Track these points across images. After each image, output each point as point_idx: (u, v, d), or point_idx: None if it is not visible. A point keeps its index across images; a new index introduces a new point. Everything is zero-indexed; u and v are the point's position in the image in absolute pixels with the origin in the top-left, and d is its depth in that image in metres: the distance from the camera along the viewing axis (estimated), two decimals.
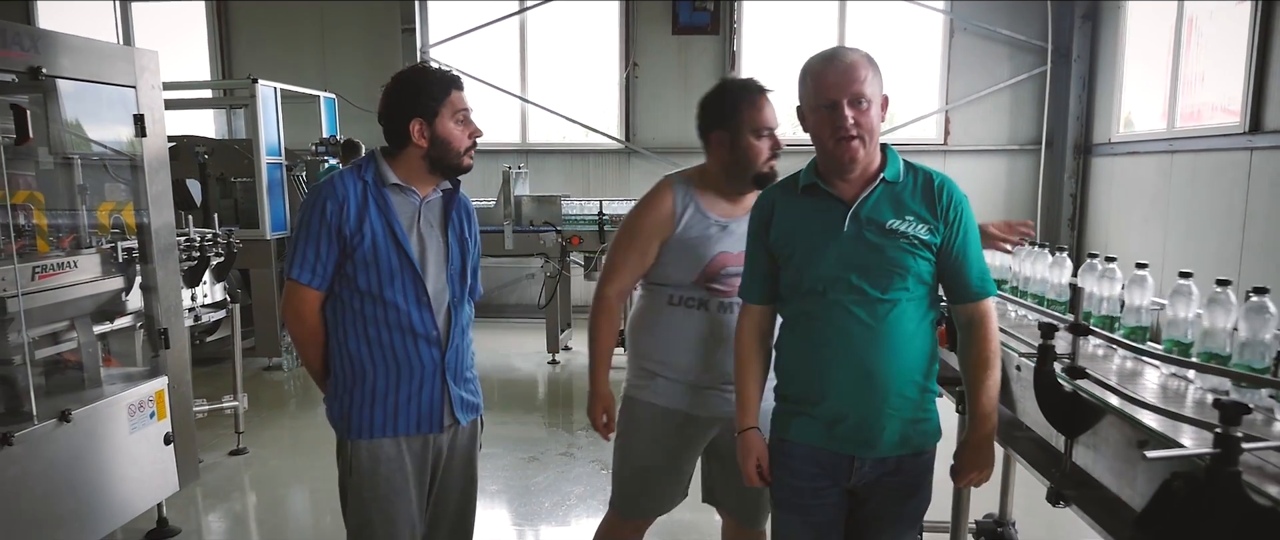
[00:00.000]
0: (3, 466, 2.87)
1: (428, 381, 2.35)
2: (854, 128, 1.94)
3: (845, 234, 2.00)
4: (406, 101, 2.29)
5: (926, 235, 2.00)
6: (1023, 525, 3.35)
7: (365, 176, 2.31)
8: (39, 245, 3.63)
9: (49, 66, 3.04)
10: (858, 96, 1.94)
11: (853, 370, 2.01)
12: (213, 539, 4.02)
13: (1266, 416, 1.64)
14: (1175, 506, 1.40)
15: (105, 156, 3.78)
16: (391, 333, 2.31)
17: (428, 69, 2.39)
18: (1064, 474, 1.99)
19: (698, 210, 2.44)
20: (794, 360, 2.12)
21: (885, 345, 1.99)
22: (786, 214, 2.11)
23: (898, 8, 8.75)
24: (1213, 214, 6.26)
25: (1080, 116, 8.43)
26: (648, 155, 9.01)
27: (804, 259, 2.06)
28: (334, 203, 2.25)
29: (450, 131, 2.29)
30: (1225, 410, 1.29)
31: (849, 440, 2.04)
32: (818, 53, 2.04)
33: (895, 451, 2.05)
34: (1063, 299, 2.49)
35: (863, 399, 2.01)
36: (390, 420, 2.33)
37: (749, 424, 2.20)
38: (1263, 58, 5.70)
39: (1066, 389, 1.92)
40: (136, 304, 3.73)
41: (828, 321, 2.02)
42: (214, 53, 9.47)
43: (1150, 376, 2.05)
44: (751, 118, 2.35)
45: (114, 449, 3.38)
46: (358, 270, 2.27)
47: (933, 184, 2.06)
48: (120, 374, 3.73)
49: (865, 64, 1.97)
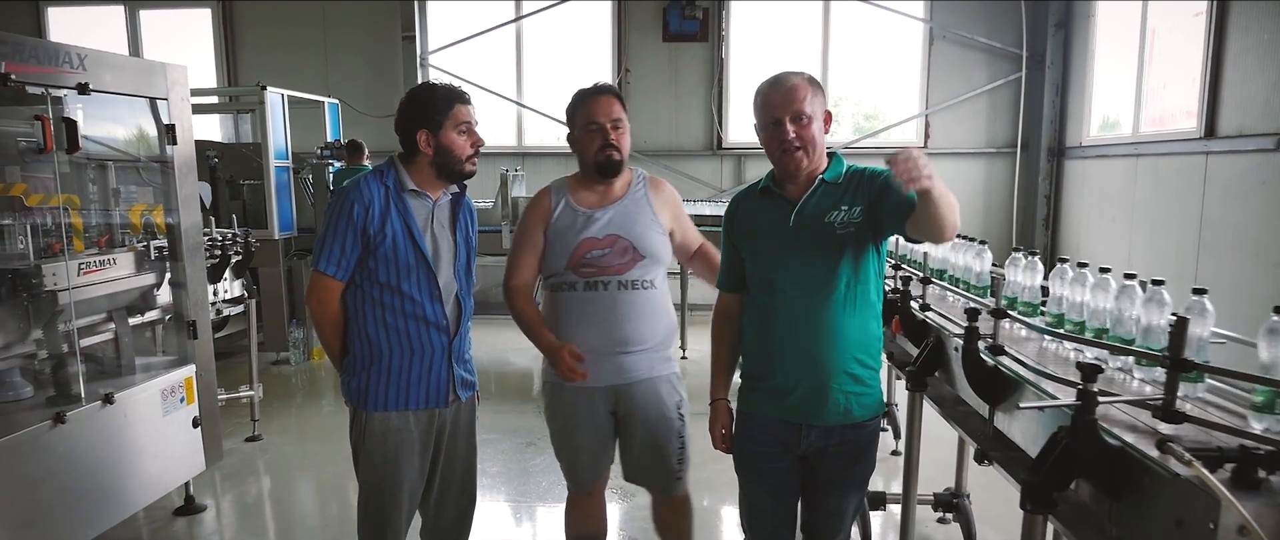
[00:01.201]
0: (56, 442, 3.19)
1: (436, 363, 2.64)
2: (795, 140, 2.23)
3: (790, 229, 2.29)
4: (415, 114, 2.57)
5: (857, 217, 2.24)
6: (979, 501, 3.68)
7: (387, 182, 2.59)
8: (75, 244, 3.94)
9: (95, 82, 3.35)
10: (798, 114, 2.23)
11: (798, 350, 2.28)
12: (234, 516, 4.34)
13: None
14: (1057, 452, 1.74)
15: (138, 161, 4.08)
16: (406, 320, 2.60)
17: (436, 86, 2.65)
18: (987, 437, 2.32)
19: (568, 205, 2.75)
20: (751, 342, 2.42)
21: (825, 328, 2.26)
22: (746, 214, 2.42)
23: (879, 16, 9.10)
24: (1173, 215, 6.62)
25: (1054, 121, 8.79)
26: (639, 158, 9.33)
27: (757, 252, 2.36)
28: (361, 205, 2.53)
29: (453, 141, 2.57)
30: (1084, 370, 1.63)
31: (797, 410, 2.32)
32: (766, 78, 2.32)
33: (839, 421, 2.32)
34: (983, 284, 2.82)
35: (808, 375, 2.28)
36: (402, 395, 2.62)
37: (718, 395, 2.53)
38: (1216, 67, 6.06)
39: (988, 364, 2.25)
40: (164, 298, 4.05)
41: (777, 307, 2.31)
42: (219, 58, 9.78)
43: (1067, 356, 2.39)
44: (579, 116, 2.70)
45: (149, 430, 3.70)
46: (379, 265, 2.55)
47: (865, 174, 2.32)
48: (152, 362, 4.04)
49: (806, 86, 2.25)
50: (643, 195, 2.79)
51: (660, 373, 2.78)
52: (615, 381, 2.74)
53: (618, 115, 2.69)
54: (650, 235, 2.73)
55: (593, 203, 2.75)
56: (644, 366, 2.75)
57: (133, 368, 3.87)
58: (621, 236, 2.70)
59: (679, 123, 9.38)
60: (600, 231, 2.70)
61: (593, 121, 2.67)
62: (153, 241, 3.97)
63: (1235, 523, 1.31)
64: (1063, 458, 1.70)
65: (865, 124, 9.76)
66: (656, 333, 2.76)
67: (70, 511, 3.25)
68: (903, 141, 9.42)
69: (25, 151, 3.55)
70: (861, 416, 2.35)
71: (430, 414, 2.68)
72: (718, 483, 4.27)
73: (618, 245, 2.69)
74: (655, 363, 2.77)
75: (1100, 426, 1.64)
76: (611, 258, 2.69)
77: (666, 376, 2.80)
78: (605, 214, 2.71)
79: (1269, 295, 5.35)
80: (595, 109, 2.67)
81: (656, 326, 2.76)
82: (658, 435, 2.80)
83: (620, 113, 2.70)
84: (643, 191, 2.80)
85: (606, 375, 2.72)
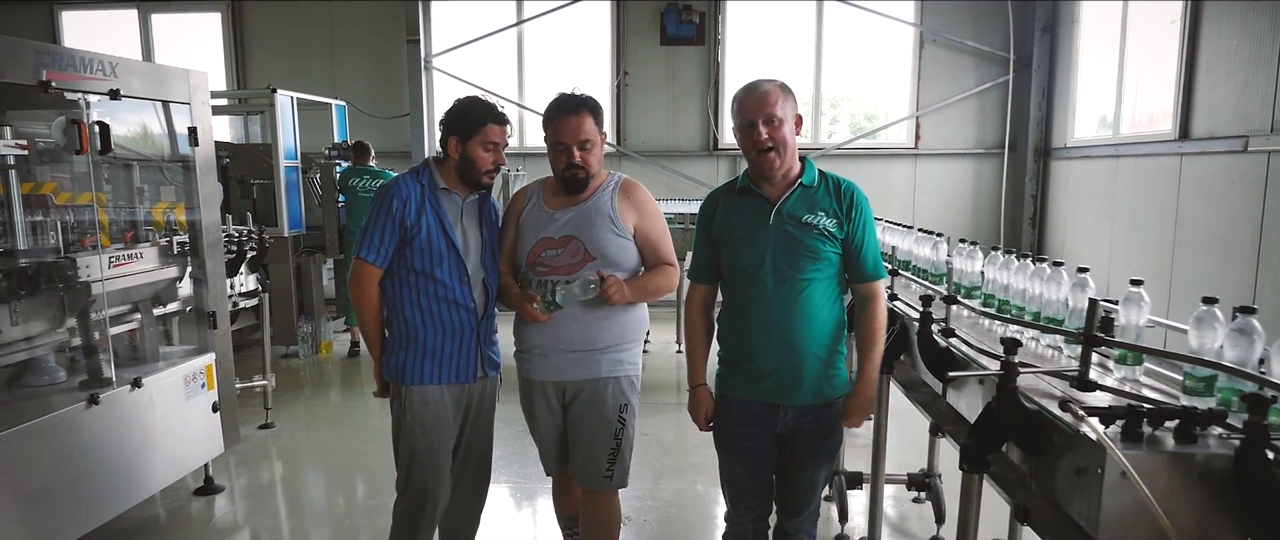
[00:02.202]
0: (91, 422, 3.45)
1: (466, 341, 2.90)
2: (768, 141, 2.43)
3: (770, 226, 2.48)
4: (453, 121, 2.84)
5: (834, 229, 2.48)
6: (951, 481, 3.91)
7: (423, 180, 2.87)
8: (102, 240, 4.19)
9: (125, 88, 3.61)
10: (770, 117, 2.44)
11: (774, 336, 2.49)
12: (250, 497, 4.58)
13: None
14: (989, 418, 1.99)
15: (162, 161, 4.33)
16: (439, 304, 2.86)
17: (478, 101, 2.89)
18: (941, 413, 2.57)
19: (537, 203, 2.91)
20: (729, 329, 2.62)
21: (800, 316, 2.47)
22: (726, 210, 2.60)
23: (871, 21, 9.35)
24: (1151, 214, 6.86)
25: (1040, 122, 9.03)
26: (637, 157, 9.60)
27: (737, 246, 2.54)
28: (399, 200, 2.80)
29: (477, 154, 2.83)
30: (1006, 345, 1.88)
31: (773, 392, 2.54)
32: (743, 85, 2.54)
33: (811, 401, 2.54)
34: (939, 272, 3.07)
35: (783, 359, 2.49)
36: (437, 370, 2.88)
37: (698, 381, 2.73)
38: (1190, 72, 6.30)
39: (941, 345, 2.50)
40: (184, 291, 4.30)
41: (755, 297, 2.51)
42: (229, 60, 10.02)
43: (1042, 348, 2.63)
44: (549, 133, 2.83)
45: (173, 413, 3.96)
46: (415, 255, 2.82)
47: (840, 187, 2.54)
48: (174, 351, 4.30)
49: (778, 92, 2.47)
50: (608, 198, 2.85)
51: (608, 374, 2.86)
52: (562, 378, 2.88)
53: (585, 137, 2.76)
54: (605, 237, 2.79)
55: (558, 204, 2.86)
56: (589, 367, 2.85)
57: (156, 355, 4.13)
58: (575, 237, 2.80)
59: (676, 124, 9.62)
60: (557, 232, 2.82)
61: (559, 142, 2.78)
62: (175, 237, 4.22)
63: (1119, 468, 1.56)
64: (991, 422, 1.95)
65: (865, 124, 9.99)
66: (607, 336, 2.85)
67: (102, 486, 3.51)
68: (896, 142, 9.68)
69: (44, 152, 3.79)
70: (831, 396, 2.57)
71: (462, 388, 2.93)
72: (709, 466, 4.52)
73: (570, 246, 2.79)
74: (604, 364, 2.86)
75: (1021, 393, 1.89)
76: (563, 258, 2.81)
77: (615, 378, 2.88)
78: (565, 215, 2.82)
79: (1238, 290, 5.61)
80: (563, 130, 2.77)
81: (608, 328, 2.84)
82: (593, 434, 2.90)
83: (590, 132, 2.78)
84: (609, 195, 2.86)
85: (554, 370, 2.88)
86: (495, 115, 2.84)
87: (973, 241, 2.86)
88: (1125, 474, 1.54)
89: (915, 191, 9.56)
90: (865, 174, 9.45)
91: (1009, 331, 2.28)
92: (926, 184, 9.55)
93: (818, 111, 9.63)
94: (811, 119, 9.60)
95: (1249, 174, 5.58)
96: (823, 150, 9.48)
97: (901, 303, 3.09)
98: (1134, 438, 1.63)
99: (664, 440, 5.09)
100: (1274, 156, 5.35)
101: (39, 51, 3.19)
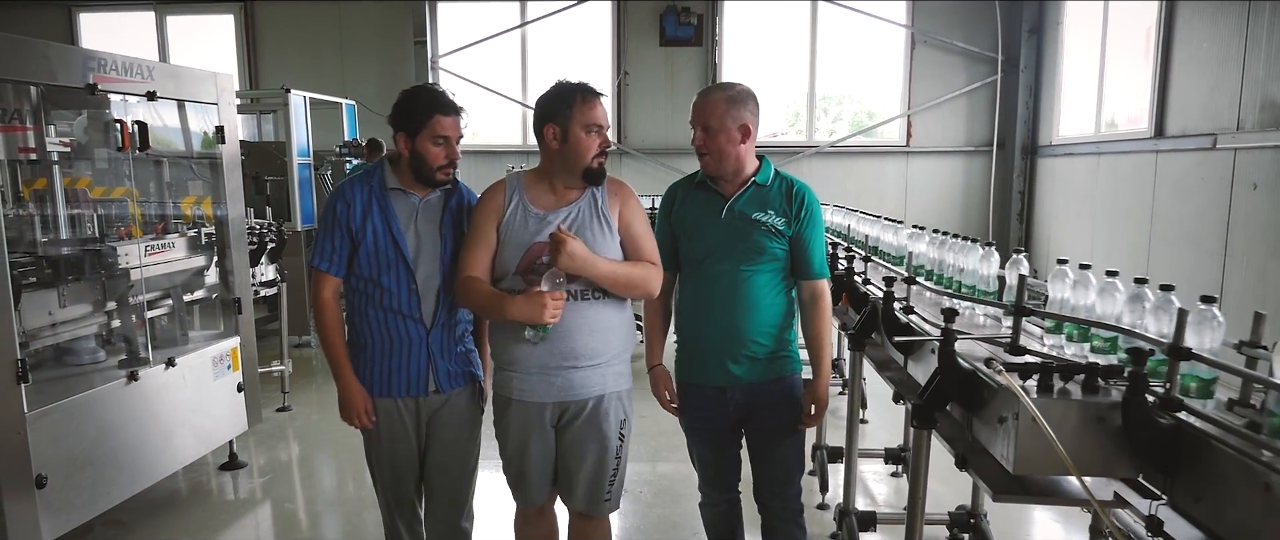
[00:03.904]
0: (131, 397, 3.75)
1: (413, 354, 2.70)
2: (702, 147, 2.63)
3: (722, 220, 2.65)
4: (397, 117, 2.63)
5: (782, 226, 2.63)
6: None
7: (372, 182, 2.69)
8: (134, 232, 4.50)
9: (161, 90, 3.92)
10: (706, 125, 2.60)
11: (719, 322, 2.66)
12: (271, 473, 4.89)
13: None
14: (935, 382, 2.29)
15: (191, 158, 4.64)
16: (387, 313, 2.68)
17: (422, 91, 2.64)
18: (903, 383, 2.87)
19: (521, 202, 2.58)
20: (683, 315, 2.77)
21: (744, 304, 2.64)
22: (683, 201, 2.76)
23: (864, 23, 9.64)
24: (1129, 209, 7.15)
25: (1027, 121, 9.33)
26: (638, 155, 9.90)
27: (692, 236, 2.70)
28: (342, 203, 2.66)
29: (427, 150, 2.61)
30: (945, 314, 2.17)
31: (715, 373, 2.70)
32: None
33: (758, 379, 2.68)
34: (901, 255, 3.38)
35: (726, 344, 2.66)
36: (383, 383, 2.73)
37: (655, 361, 2.84)
38: (1164, 73, 6.59)
39: (902, 321, 2.80)
40: (210, 279, 4.60)
41: (704, 285, 2.68)
42: (242, 60, 10.35)
43: (972, 316, 2.93)
44: (582, 114, 2.50)
45: (202, 391, 4.26)
46: (362, 260, 2.66)
47: (792, 188, 2.68)
48: (202, 334, 4.61)
49: (722, 103, 2.59)
50: (600, 196, 2.62)
51: (610, 389, 2.63)
52: (562, 397, 2.59)
53: (609, 123, 2.62)
54: (603, 243, 2.55)
55: (548, 204, 2.59)
56: (593, 383, 2.60)
57: (186, 338, 4.44)
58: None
59: (674, 122, 9.93)
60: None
61: (597, 124, 2.52)
62: (202, 228, 4.53)
63: (1029, 414, 1.85)
64: (937, 385, 2.25)
65: (867, 120, 10.29)
66: (609, 346, 2.61)
67: (140, 456, 3.81)
68: (889, 140, 9.97)
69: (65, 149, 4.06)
70: (780, 373, 2.72)
71: (417, 401, 2.75)
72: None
73: None
74: (607, 378, 2.62)
75: (958, 356, 2.18)
76: None
77: (616, 394, 2.66)
78: (558, 217, 2.54)
79: (1208, 281, 5.90)
80: (598, 112, 2.53)
81: (609, 340, 2.61)
82: (596, 455, 2.64)
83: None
84: (600, 193, 2.62)
85: (553, 390, 2.58)
86: (442, 105, 2.62)
87: (933, 228, 3.15)
88: (1034, 419, 1.84)
89: (907, 188, 9.85)
90: (859, 171, 9.77)
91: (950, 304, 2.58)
92: (918, 181, 9.84)
93: (812, 111, 9.93)
94: (806, 118, 9.90)
95: (1217, 170, 5.86)
96: (817, 148, 9.77)
97: (873, 287, 3.38)
98: (1045, 389, 1.92)
99: (661, 424, 5.39)
100: (1239, 153, 5.63)
101: (87, 57, 3.49)
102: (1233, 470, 1.59)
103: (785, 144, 9.89)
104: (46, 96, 3.64)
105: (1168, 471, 1.77)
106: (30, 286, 3.51)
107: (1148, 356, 1.77)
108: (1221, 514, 1.64)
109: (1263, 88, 5.42)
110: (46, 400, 3.33)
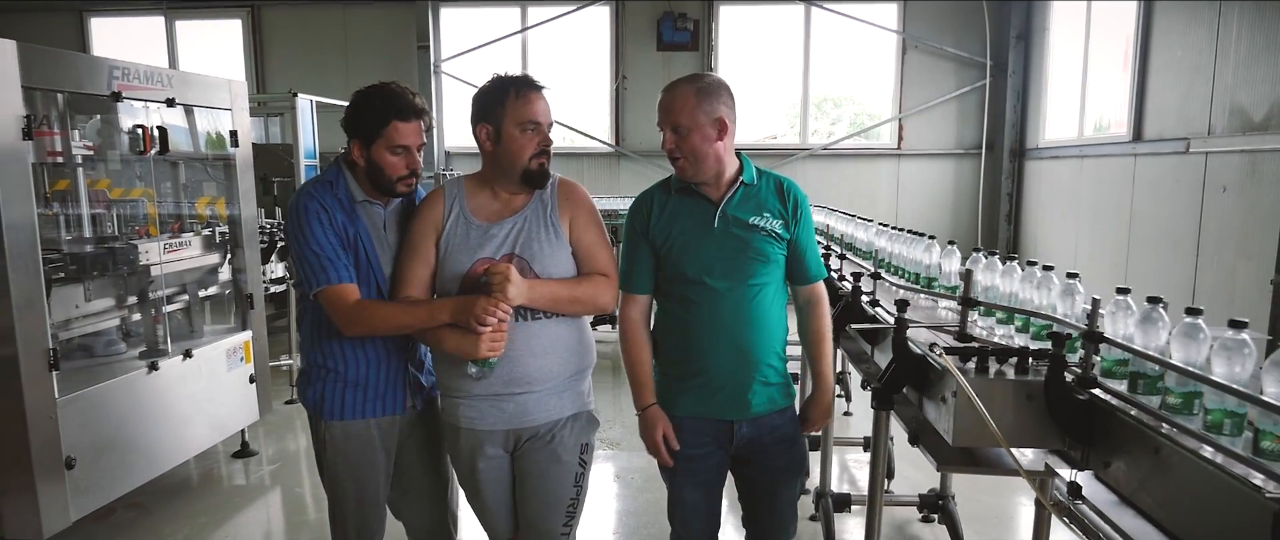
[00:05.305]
0: (152, 386, 3.99)
1: (388, 367, 2.46)
2: (674, 151, 2.30)
3: (716, 229, 2.33)
4: (350, 121, 2.34)
5: (781, 229, 2.36)
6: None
7: (339, 194, 2.37)
8: (150, 230, 4.73)
9: (180, 97, 4.16)
10: (675, 125, 2.28)
11: (727, 346, 2.32)
12: (281, 461, 5.12)
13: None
14: (891, 367, 2.52)
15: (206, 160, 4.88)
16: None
17: (376, 93, 2.35)
18: (869, 371, 3.10)
19: (461, 212, 2.33)
20: (675, 341, 2.39)
21: (753, 324, 2.33)
22: (662, 211, 2.39)
23: (856, 29, 9.88)
24: (1110, 210, 7.38)
25: (1015, 124, 9.55)
26: (635, 158, 10.14)
27: (681, 251, 2.34)
28: (326, 214, 2.32)
29: (385, 160, 2.32)
30: (898, 304, 2.41)
31: (727, 407, 2.37)
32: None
33: (766, 409, 2.41)
34: (870, 250, 3.62)
35: (736, 371, 2.33)
36: (361, 404, 2.45)
37: (648, 402, 2.42)
38: (1142, 79, 6.82)
39: (869, 312, 3.03)
40: (223, 276, 4.84)
41: (703, 305, 2.33)
42: (249, 63, 10.59)
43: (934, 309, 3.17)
44: (516, 110, 2.27)
45: (217, 382, 4.50)
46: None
47: (782, 186, 2.41)
48: (216, 328, 4.85)
49: (689, 98, 2.26)
50: (548, 203, 2.37)
51: (567, 412, 2.40)
52: (514, 425, 2.36)
53: (551, 118, 2.36)
54: (553, 254, 2.33)
55: (491, 213, 2.34)
56: (549, 407, 2.37)
57: (201, 331, 4.68)
58: (519, 256, 2.30)
59: None
60: (496, 250, 2.30)
61: (533, 120, 2.28)
62: (216, 227, 4.77)
63: (966, 393, 2.09)
64: (892, 368, 2.48)
65: (866, 121, 10.50)
66: (565, 367, 2.37)
67: (159, 441, 4.05)
68: (880, 143, 10.21)
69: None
70: (783, 402, 2.46)
71: (392, 420, 2.51)
72: None
73: (515, 267, 2.25)
74: (563, 402, 2.39)
75: (909, 341, 2.42)
76: None
77: (574, 416, 2.42)
78: (503, 229, 2.31)
79: (1182, 280, 6.12)
80: (537, 107, 2.29)
81: (564, 360, 2.36)
82: (551, 485, 2.40)
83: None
84: (549, 198, 2.37)
85: (504, 417, 2.35)
86: (399, 109, 2.33)
87: (895, 226, 3.39)
88: (969, 397, 2.07)
89: (898, 190, 10.08)
90: (852, 173, 10.01)
91: (902, 295, 2.82)
92: (909, 183, 10.08)
93: (806, 114, 10.16)
94: (800, 120, 10.13)
95: (1190, 174, 6.08)
96: (810, 151, 10.00)
97: (847, 282, 3.62)
98: (981, 370, 2.16)
99: None
100: (1210, 157, 5.86)
101: (112, 66, 3.73)
102: (1131, 437, 1.82)
103: (779, 146, 10.13)
104: (69, 103, 3.89)
105: (1085, 442, 2.01)
106: (58, 282, 3.75)
107: (1066, 340, 2.00)
108: (1125, 477, 1.87)
109: (1232, 94, 5.65)
110: (75, 387, 3.57)
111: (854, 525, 3.97)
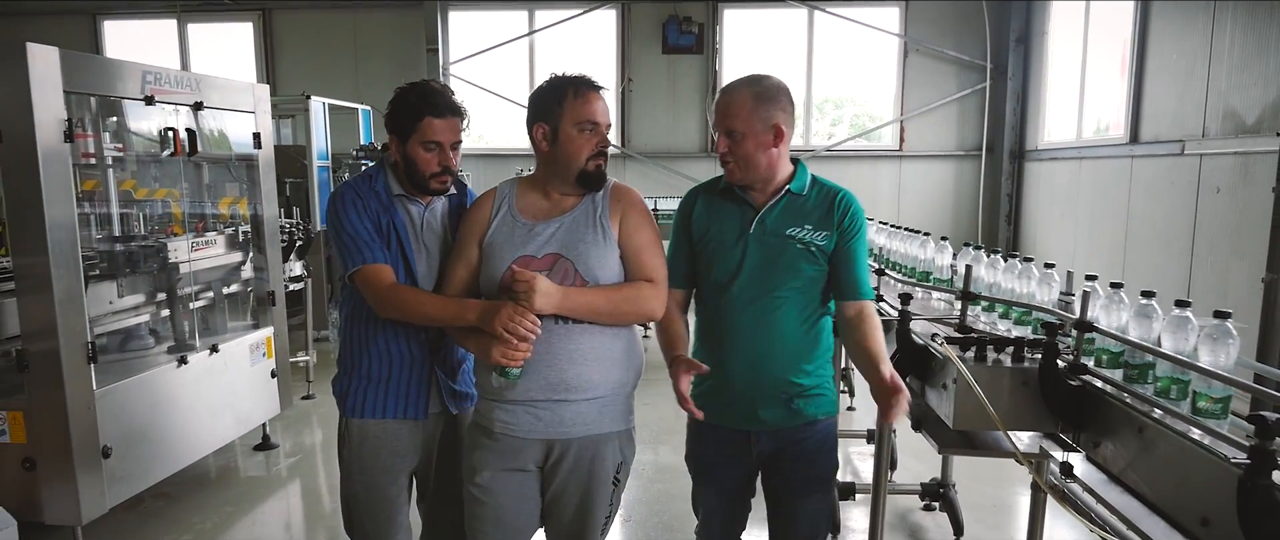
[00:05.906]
0: (181, 379, 4.14)
1: (415, 371, 2.44)
2: (727, 155, 2.24)
3: (751, 236, 2.25)
4: (388, 118, 2.39)
5: (822, 242, 2.23)
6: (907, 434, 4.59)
7: (377, 188, 2.42)
8: (176, 230, 4.88)
9: (207, 101, 4.30)
10: (730, 130, 2.21)
11: (742, 357, 2.26)
12: (300, 455, 5.27)
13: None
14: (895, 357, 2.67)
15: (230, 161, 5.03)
16: (385, 325, 2.41)
17: (413, 90, 2.37)
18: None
19: (509, 211, 2.29)
20: (702, 343, 2.36)
21: (769, 336, 2.24)
22: (705, 210, 2.35)
23: (859, 32, 10.03)
24: (1107, 211, 7.52)
25: (1015, 126, 9.70)
26: (641, 159, 10.29)
27: (713, 254, 2.30)
28: (361, 204, 2.37)
29: (418, 155, 2.34)
30: (902, 296, 2.56)
31: (742, 418, 2.31)
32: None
33: (787, 423, 2.30)
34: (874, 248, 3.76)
35: (751, 383, 2.27)
36: (380, 404, 2.44)
37: (678, 352, 2.26)
38: (1139, 82, 6.97)
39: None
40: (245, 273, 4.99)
41: (726, 312, 2.28)
42: (260, 66, 10.75)
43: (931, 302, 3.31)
44: (574, 110, 2.22)
45: (241, 376, 4.65)
46: None
47: (836, 198, 2.28)
48: (239, 324, 4.99)
49: (747, 101, 2.18)
50: (601, 205, 2.29)
51: (608, 429, 2.28)
52: (550, 435, 2.24)
53: (609, 119, 2.30)
54: (599, 256, 2.23)
55: (540, 212, 2.28)
56: (589, 419, 2.25)
57: (225, 327, 4.83)
58: (563, 256, 2.21)
59: (676, 127, 10.33)
60: (540, 249, 2.22)
61: (592, 120, 2.23)
62: (239, 227, 4.91)
63: (965, 379, 2.23)
64: (894, 358, 2.63)
65: (868, 123, 10.66)
66: (606, 378, 2.25)
67: (187, 433, 4.20)
68: (882, 145, 10.37)
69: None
70: (814, 416, 2.34)
71: (416, 423, 2.49)
72: None
73: (557, 267, 2.19)
74: (604, 416, 2.27)
75: (913, 333, 2.57)
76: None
77: (614, 434, 2.31)
78: (549, 228, 2.24)
79: (1177, 279, 6.26)
80: (597, 107, 2.24)
81: (608, 371, 2.25)
82: (584, 501, 2.31)
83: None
84: (601, 199, 2.30)
85: (540, 426, 2.24)
86: (433, 105, 2.34)
87: (894, 224, 3.54)
88: (968, 382, 2.22)
89: (900, 191, 10.23)
90: (853, 175, 10.16)
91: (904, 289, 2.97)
92: (911, 184, 10.23)
93: (809, 115, 10.31)
94: (803, 122, 10.29)
95: (1185, 175, 6.23)
96: (813, 152, 10.15)
97: None
98: (980, 358, 2.31)
99: (666, 417, 5.76)
100: (1204, 159, 6.01)
101: (145, 72, 3.88)
102: (1119, 419, 1.97)
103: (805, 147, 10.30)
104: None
105: (1077, 425, 2.16)
106: (94, 278, 3.90)
107: (1057, 329, 2.15)
108: (1113, 456, 2.02)
109: (1225, 97, 5.79)
110: (110, 380, 3.71)
111: (858, 514, 4.11)
